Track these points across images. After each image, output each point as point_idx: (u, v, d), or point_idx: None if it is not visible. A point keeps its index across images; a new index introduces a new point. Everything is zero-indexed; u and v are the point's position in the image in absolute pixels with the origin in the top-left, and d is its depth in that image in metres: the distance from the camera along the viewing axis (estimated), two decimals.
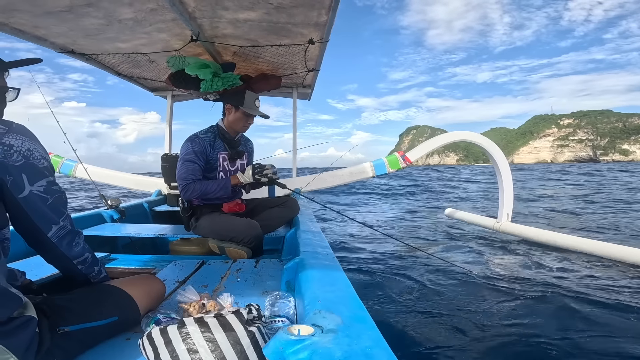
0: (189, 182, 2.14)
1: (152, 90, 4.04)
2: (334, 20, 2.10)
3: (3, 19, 1.96)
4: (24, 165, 0.92)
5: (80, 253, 1.12)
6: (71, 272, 1.14)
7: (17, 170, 0.91)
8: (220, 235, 2.12)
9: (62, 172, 4.57)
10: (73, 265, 1.11)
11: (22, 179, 0.92)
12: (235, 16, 2.08)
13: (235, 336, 0.81)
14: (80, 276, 1.16)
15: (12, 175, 0.90)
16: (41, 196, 0.98)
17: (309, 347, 0.69)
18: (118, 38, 2.37)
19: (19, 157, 0.91)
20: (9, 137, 0.90)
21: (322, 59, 2.97)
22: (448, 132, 4.96)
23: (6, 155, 0.88)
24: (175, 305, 1.17)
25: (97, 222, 2.69)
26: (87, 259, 1.15)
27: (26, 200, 0.94)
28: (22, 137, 0.93)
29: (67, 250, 1.08)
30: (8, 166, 0.89)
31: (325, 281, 1.16)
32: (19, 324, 0.81)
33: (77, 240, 1.11)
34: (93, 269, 1.18)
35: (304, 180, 4.26)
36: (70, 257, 1.09)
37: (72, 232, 1.09)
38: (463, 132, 5.02)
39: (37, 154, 0.96)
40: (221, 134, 2.35)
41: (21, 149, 0.92)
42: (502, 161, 5.08)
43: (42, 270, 1.58)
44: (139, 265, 1.90)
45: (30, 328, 0.83)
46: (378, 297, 3.08)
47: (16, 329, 0.80)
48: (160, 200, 3.88)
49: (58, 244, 1.05)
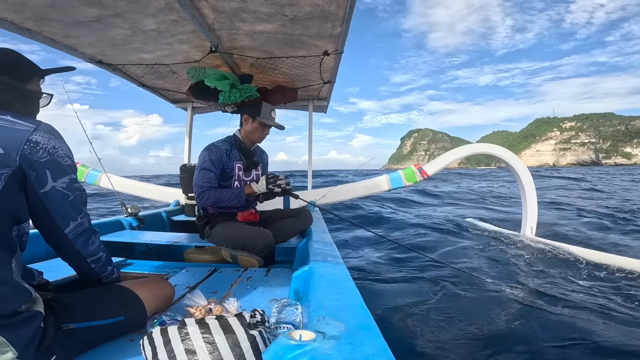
0: (204, 190, 2.19)
1: (173, 102, 4.14)
2: (347, 32, 2.12)
3: (37, 27, 2.04)
4: (48, 162, 0.96)
5: (94, 252, 1.14)
6: (84, 270, 1.17)
7: (41, 166, 0.94)
8: (232, 243, 2.14)
9: (88, 182, 4.72)
10: (86, 263, 1.14)
11: (45, 175, 0.95)
12: (252, 28, 2.13)
13: (235, 339, 0.81)
14: (93, 275, 1.18)
15: (35, 171, 0.93)
16: (63, 192, 1.01)
17: (308, 353, 0.68)
18: (142, 49, 2.45)
19: (44, 154, 0.94)
20: (36, 134, 0.93)
21: (337, 71, 3.00)
22: (466, 145, 4.88)
23: (32, 151, 0.92)
24: (183, 309, 1.17)
25: (116, 228, 2.75)
26: (100, 258, 1.17)
27: (47, 195, 0.97)
28: (48, 135, 0.97)
29: (83, 248, 1.10)
30: (33, 162, 0.92)
31: (333, 289, 1.14)
32: (25, 317, 0.82)
33: (93, 238, 1.13)
34: (106, 269, 1.21)
35: (318, 192, 4.27)
36: (85, 255, 1.12)
37: (89, 230, 1.12)
38: (483, 144, 4.94)
39: (61, 152, 1.00)
40: (237, 144, 2.41)
41: (47, 147, 0.95)
42: (524, 174, 4.96)
43: (60, 271, 1.62)
44: (153, 271, 1.94)
45: (35, 323, 0.84)
46: (391, 306, 3.02)
47: (20, 323, 0.81)
48: (178, 210, 3.94)
49: (74, 240, 1.07)
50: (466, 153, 4.74)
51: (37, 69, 1.11)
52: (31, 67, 1.09)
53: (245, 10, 1.91)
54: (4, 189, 0.85)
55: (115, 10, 1.87)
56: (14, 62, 1.04)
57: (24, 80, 1.05)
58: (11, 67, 1.03)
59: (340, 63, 2.78)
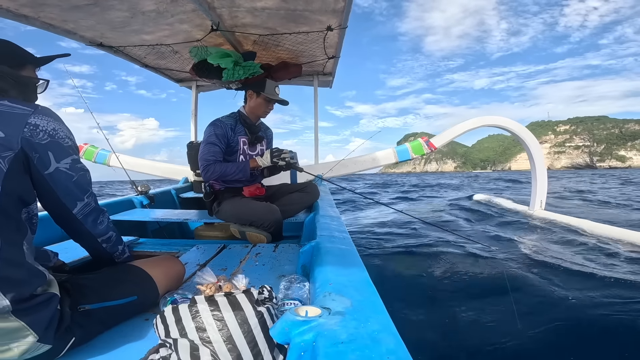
0: (209, 163, 2.21)
1: (177, 81, 4.12)
2: (351, 7, 2.08)
3: (33, 13, 2.04)
4: (49, 144, 0.97)
5: (104, 231, 1.16)
6: (96, 250, 1.19)
7: (43, 147, 0.95)
8: (240, 219, 2.17)
9: (98, 161, 4.78)
10: (97, 243, 1.16)
11: (48, 156, 0.96)
12: (253, 5, 2.09)
13: (243, 315, 0.83)
14: (105, 255, 1.21)
15: (38, 153, 0.94)
16: (67, 173, 1.02)
17: (314, 329, 0.69)
18: (142, 30, 2.43)
19: (45, 136, 0.95)
20: (34, 117, 0.94)
21: (341, 46, 2.95)
22: (475, 118, 4.80)
23: (32, 134, 0.93)
24: (194, 287, 1.20)
25: (128, 207, 2.79)
26: (111, 237, 1.19)
27: (52, 176, 0.99)
28: (47, 117, 0.98)
29: (92, 228, 1.12)
30: (34, 144, 0.93)
31: (339, 265, 1.15)
32: (42, 300, 0.85)
33: (101, 218, 1.15)
34: (117, 248, 1.23)
35: (325, 166, 4.26)
36: (95, 235, 1.14)
37: (97, 210, 1.13)
38: (491, 117, 4.87)
39: (61, 133, 1.01)
40: (242, 119, 2.42)
41: (46, 129, 0.96)
42: (535, 148, 4.90)
43: (75, 252, 1.65)
44: (165, 249, 1.97)
45: (52, 305, 0.87)
46: (398, 282, 3.06)
47: (38, 306, 0.84)
48: (186, 187, 3.99)
49: (83, 220, 1.09)
50: (474, 126, 4.68)
51: (31, 56, 1.11)
52: (25, 55, 1.09)
53: None
54: (8, 172, 0.86)
55: None
56: (7, 51, 1.05)
57: (18, 67, 1.05)
58: (4, 55, 1.03)
59: (345, 38, 2.73)
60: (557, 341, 2.13)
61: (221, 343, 0.80)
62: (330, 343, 0.64)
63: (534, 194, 5.08)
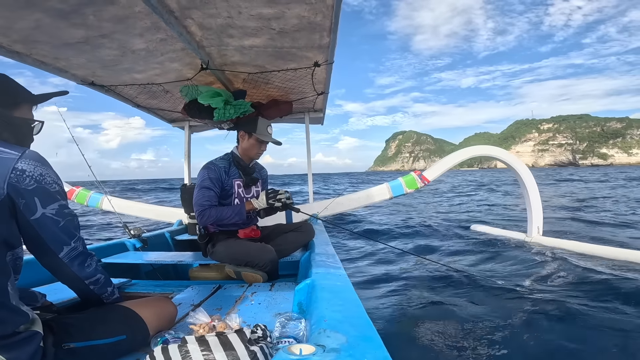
0: (205, 208, 2.18)
1: (170, 121, 4.16)
2: (336, 42, 2.14)
3: (25, 50, 2.07)
4: (36, 189, 0.96)
5: (92, 274, 1.14)
6: (83, 292, 1.17)
7: (29, 193, 0.95)
8: (235, 260, 2.13)
9: (90, 205, 4.74)
10: (85, 285, 1.14)
11: (34, 202, 0.96)
12: (241, 43, 2.14)
13: (235, 355, 0.80)
14: (93, 296, 1.19)
15: (24, 199, 0.94)
16: (53, 218, 1.01)
17: None
18: (133, 69, 2.47)
19: (32, 182, 0.95)
20: (21, 162, 0.94)
21: (329, 82, 3.01)
22: (467, 148, 4.85)
23: (19, 179, 0.92)
24: (187, 327, 1.17)
25: (120, 250, 2.75)
26: (99, 280, 1.17)
27: (38, 222, 0.98)
28: (34, 162, 0.97)
29: (79, 271, 1.10)
30: (20, 190, 0.93)
31: (335, 301, 1.13)
32: (24, 337, 0.84)
33: (89, 261, 1.13)
34: (106, 290, 1.21)
35: (320, 205, 4.26)
36: (82, 278, 1.12)
37: (84, 254, 1.12)
38: (481, 147, 4.93)
39: (49, 178, 1.00)
40: (236, 161, 2.41)
41: (33, 174, 0.96)
42: (526, 175, 4.94)
43: (64, 294, 1.61)
44: (158, 290, 1.93)
45: (35, 342, 0.85)
46: (395, 315, 2.98)
47: (20, 342, 0.83)
48: (181, 229, 3.94)
49: (69, 264, 1.08)
50: (466, 156, 4.73)
51: (27, 95, 1.11)
52: (20, 93, 1.09)
53: (232, 25, 1.92)
54: None
55: (101, 31, 1.90)
56: (1, 89, 1.04)
57: (11, 107, 1.05)
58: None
59: (332, 73, 2.79)
60: None
61: None
62: None
63: (530, 221, 5.07)
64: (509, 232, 5.85)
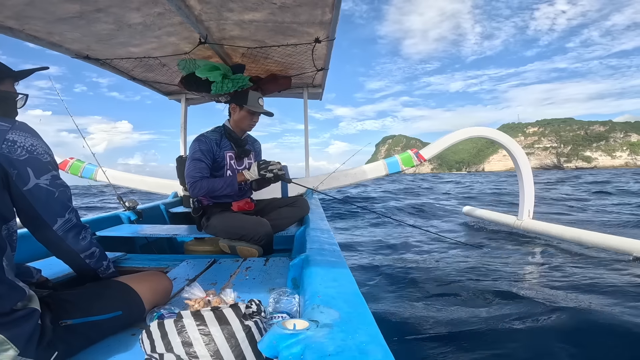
0: (196, 180, 2.19)
1: (166, 94, 4.11)
2: (338, 18, 2.10)
3: (18, 25, 2.02)
4: (28, 159, 0.96)
5: (86, 247, 1.15)
6: (79, 266, 1.18)
7: (21, 164, 0.94)
8: (230, 233, 2.14)
9: (84, 176, 4.72)
10: (80, 258, 1.15)
11: (27, 172, 0.96)
12: (241, 17, 2.10)
13: (230, 330, 0.82)
14: (89, 271, 1.20)
15: (16, 169, 0.93)
16: (47, 189, 1.02)
17: (302, 342, 0.68)
18: (129, 42, 2.42)
19: (23, 152, 0.95)
20: (12, 133, 0.94)
21: (330, 58, 2.97)
22: (463, 129, 4.86)
23: (10, 150, 0.92)
24: (182, 302, 1.19)
25: (115, 223, 2.74)
26: (94, 253, 1.18)
27: (31, 192, 0.98)
28: (25, 133, 0.97)
29: (74, 244, 1.11)
30: (12, 160, 0.92)
31: (328, 277, 1.15)
32: (22, 315, 0.84)
33: (83, 234, 1.14)
34: (102, 264, 1.22)
35: (316, 179, 4.27)
36: (77, 251, 1.13)
37: (78, 226, 1.12)
38: (479, 128, 4.94)
39: (40, 149, 1.00)
40: (227, 133, 2.40)
41: (24, 144, 0.96)
42: (521, 157, 4.97)
43: (59, 268, 1.62)
44: (153, 265, 1.94)
45: (33, 320, 0.85)
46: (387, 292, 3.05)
47: (18, 320, 0.82)
48: (176, 202, 3.94)
49: (64, 236, 1.08)
50: (461, 137, 4.74)
51: (8, 70, 1.10)
52: (3, 69, 1.09)
53: None
54: None
55: (97, 6, 1.85)
56: None
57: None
58: None
59: (333, 50, 2.75)
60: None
61: (208, 358, 0.80)
62: (317, 356, 0.63)
63: (521, 204, 5.13)
64: (500, 214, 5.92)
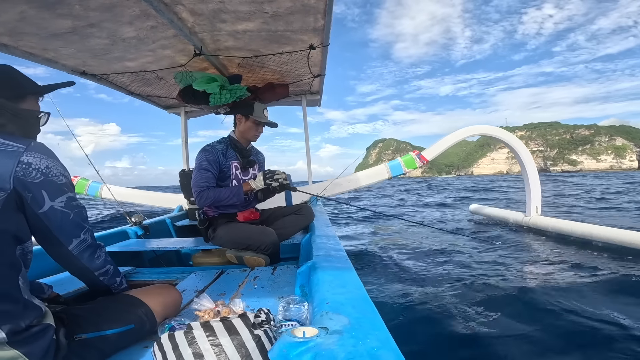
0: (203, 189, 2.20)
1: (165, 108, 4.13)
2: (330, 24, 2.11)
3: (12, 42, 2.04)
4: (43, 182, 0.95)
5: (101, 265, 1.16)
6: (94, 283, 1.18)
7: (36, 187, 0.94)
8: (237, 244, 2.15)
9: (90, 194, 4.75)
10: (95, 276, 1.16)
11: (42, 195, 0.95)
12: (234, 28, 2.12)
13: (240, 340, 0.82)
14: (103, 287, 1.20)
15: (31, 192, 0.93)
16: (62, 211, 1.01)
17: (312, 349, 0.67)
18: (125, 57, 2.44)
19: (38, 174, 0.94)
20: (27, 155, 0.93)
21: (325, 64, 2.98)
22: (464, 128, 4.84)
23: (25, 172, 0.91)
24: (192, 313, 1.18)
25: (122, 238, 2.76)
26: (108, 271, 1.19)
27: (47, 215, 0.97)
28: (40, 155, 0.96)
29: (89, 263, 1.11)
30: (27, 183, 0.92)
31: (336, 283, 1.14)
32: (37, 330, 0.84)
33: (98, 253, 1.15)
34: (115, 280, 1.23)
35: (319, 186, 4.26)
36: (92, 269, 1.13)
37: (93, 245, 1.13)
38: (480, 126, 4.93)
39: (55, 171, 0.99)
40: (233, 144, 2.42)
41: (39, 167, 0.95)
42: (525, 155, 4.95)
43: (69, 285, 1.63)
44: (162, 278, 1.95)
45: (48, 335, 0.86)
46: (398, 295, 3.02)
47: (34, 336, 0.83)
48: (181, 215, 3.95)
49: (79, 256, 1.08)
50: (464, 135, 4.72)
51: (33, 86, 1.09)
52: (26, 85, 1.07)
53: (224, 10, 1.89)
54: (1, 212, 0.86)
55: (89, 21, 1.87)
56: (6, 80, 1.02)
57: (17, 99, 1.03)
58: (2, 85, 1.00)
59: (328, 56, 2.76)
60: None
61: None
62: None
63: (529, 200, 5.10)
64: (507, 211, 5.88)
